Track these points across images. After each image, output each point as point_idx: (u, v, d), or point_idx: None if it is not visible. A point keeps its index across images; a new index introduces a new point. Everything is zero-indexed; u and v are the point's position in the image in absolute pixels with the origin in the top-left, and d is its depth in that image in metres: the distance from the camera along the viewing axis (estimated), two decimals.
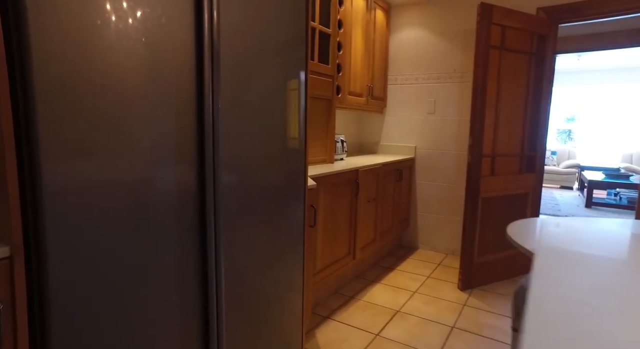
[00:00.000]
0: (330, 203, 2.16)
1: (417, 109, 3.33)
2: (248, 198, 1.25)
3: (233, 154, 1.18)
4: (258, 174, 1.29)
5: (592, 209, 5.49)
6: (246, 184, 1.24)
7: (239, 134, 1.19)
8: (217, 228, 1.12)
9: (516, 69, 2.58)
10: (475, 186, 2.46)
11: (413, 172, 3.38)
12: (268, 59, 1.28)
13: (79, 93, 0.81)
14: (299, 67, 1.43)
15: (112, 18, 0.85)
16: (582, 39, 3.64)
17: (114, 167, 0.88)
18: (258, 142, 1.27)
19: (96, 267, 0.87)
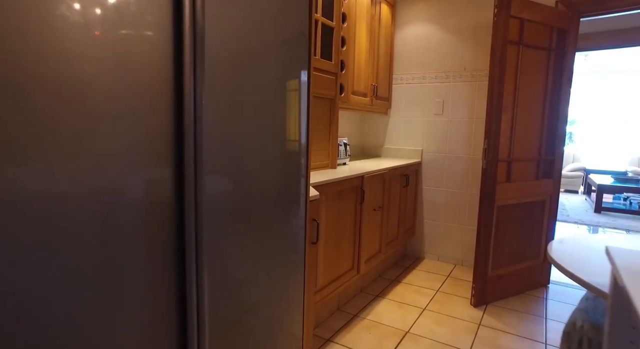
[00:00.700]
0: (333, 213, 1.95)
1: (423, 110, 3.13)
2: (241, 208, 1.05)
3: (220, 159, 0.97)
4: (253, 182, 1.08)
5: (602, 215, 5.29)
6: (239, 192, 1.03)
7: (228, 137, 0.98)
8: (198, 242, 0.91)
9: (534, 67, 2.38)
10: (491, 193, 2.26)
11: (419, 177, 3.18)
12: (266, 57, 1.08)
13: (13, 88, 0.61)
14: (300, 65, 1.23)
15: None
16: (601, 35, 3.45)
17: (62, 174, 0.67)
18: (253, 147, 1.07)
19: (46, 294, 0.66)
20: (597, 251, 1.24)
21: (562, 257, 1.12)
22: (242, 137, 1.03)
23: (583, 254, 1.20)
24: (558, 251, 1.17)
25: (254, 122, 1.07)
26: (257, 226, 1.12)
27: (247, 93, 1.04)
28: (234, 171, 1.02)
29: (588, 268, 1.09)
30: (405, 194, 2.91)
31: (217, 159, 0.96)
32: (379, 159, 3.11)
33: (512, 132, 2.32)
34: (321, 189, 1.80)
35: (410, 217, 3.08)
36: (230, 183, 1.01)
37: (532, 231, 2.54)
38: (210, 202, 0.96)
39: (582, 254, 1.18)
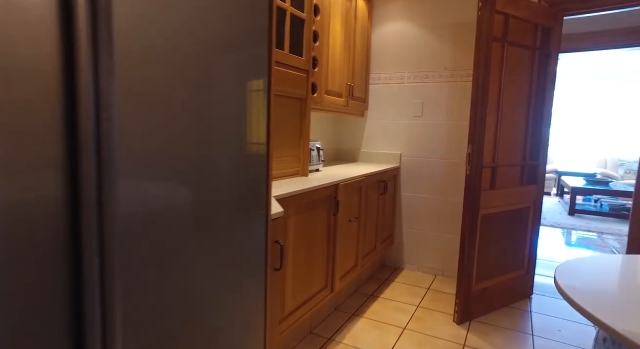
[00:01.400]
0: (303, 228, 1.73)
1: (402, 112, 2.95)
2: (175, 231, 0.81)
3: (144, 170, 0.73)
4: (197, 197, 0.84)
5: (575, 217, 5.31)
6: (172, 210, 0.79)
7: (153, 143, 0.74)
8: (105, 276, 0.67)
9: (519, 67, 2.23)
10: (475, 201, 2.09)
11: (398, 183, 3.00)
12: (211, 49, 0.85)
13: None
14: (257, 60, 1.00)
15: None
16: (579, 37, 3.39)
17: None
18: (191, 154, 0.83)
19: None
20: (621, 282, 1.07)
21: (575, 293, 0.94)
22: (176, 143, 0.79)
23: (604, 287, 1.02)
24: (570, 289, 0.98)
25: (189, 124, 0.83)
26: (196, 252, 0.88)
27: (177, 90, 0.80)
28: (167, 183, 0.78)
29: (616, 308, 0.92)
30: (383, 202, 2.72)
31: (137, 170, 0.72)
32: (355, 164, 2.91)
33: (497, 136, 2.17)
34: (289, 202, 1.57)
35: (388, 226, 2.90)
36: (161, 197, 0.77)
37: (516, 240, 2.40)
38: (127, 221, 0.71)
39: (603, 289, 1.01)
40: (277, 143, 1.89)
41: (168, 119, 0.78)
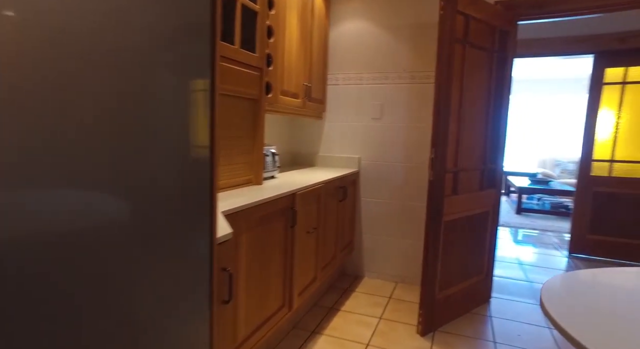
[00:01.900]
0: (257, 245, 1.54)
1: (361, 114, 2.85)
2: (95, 255, 0.60)
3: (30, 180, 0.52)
4: (112, 216, 0.64)
5: (522, 216, 5.54)
6: (82, 234, 0.59)
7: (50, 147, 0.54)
8: None
9: (478, 70, 2.20)
10: (439, 207, 2.02)
11: (357, 188, 2.89)
12: (130, 50, 0.65)
13: None
14: (195, 58, 0.82)
15: None
16: (529, 43, 3.48)
17: None
18: (111, 163, 0.63)
19: None
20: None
21: (563, 319, 0.84)
22: (91, 151, 0.59)
23: (576, 304, 0.94)
24: (558, 313, 0.89)
25: (108, 131, 0.63)
26: (123, 288, 0.68)
27: (93, 92, 0.60)
28: (81, 198, 0.58)
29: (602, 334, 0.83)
30: (342, 209, 2.60)
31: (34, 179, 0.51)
32: (313, 170, 2.76)
33: (458, 140, 2.12)
34: (240, 217, 1.38)
35: (348, 233, 2.78)
36: (70, 216, 0.56)
37: (476, 245, 2.37)
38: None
39: (574, 307, 0.92)
40: (227, 149, 1.69)
41: (79, 124, 0.57)
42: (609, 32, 3.30)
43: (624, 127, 3.57)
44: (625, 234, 3.58)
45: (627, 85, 3.52)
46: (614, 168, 3.62)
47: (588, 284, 1.03)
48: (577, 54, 3.48)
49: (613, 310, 0.92)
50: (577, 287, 1.00)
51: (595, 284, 1.04)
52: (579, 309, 0.91)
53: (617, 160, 3.60)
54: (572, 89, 7.96)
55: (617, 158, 3.60)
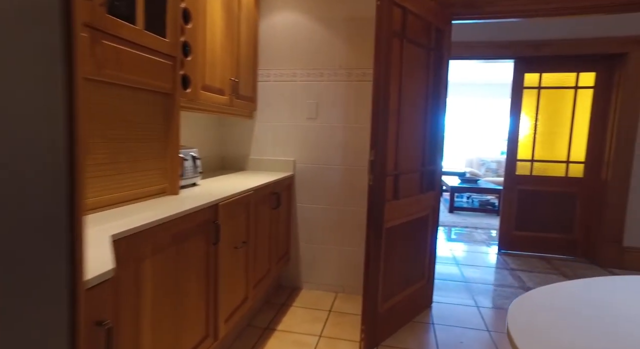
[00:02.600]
0: (167, 272, 1.26)
1: (295, 113, 2.64)
2: None
3: None
4: None
5: (454, 214, 5.74)
6: None
7: None
8: None
9: (417, 68, 2.10)
10: (379, 214, 1.88)
11: (292, 193, 2.68)
12: None
13: None
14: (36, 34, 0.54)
15: None
16: (457, 46, 3.54)
17: None
18: None
19: None
20: None
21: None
22: None
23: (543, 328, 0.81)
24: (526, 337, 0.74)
25: None
26: None
27: None
28: None
29: None
30: (276, 217, 2.36)
31: None
32: (243, 174, 2.49)
33: (398, 141, 2.00)
34: (141, 239, 1.10)
35: (283, 242, 2.55)
36: None
37: (418, 250, 2.28)
38: None
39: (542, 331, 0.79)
40: (128, 153, 1.38)
41: None
42: (526, 40, 3.46)
43: (540, 128, 3.78)
44: (544, 229, 3.80)
45: (542, 90, 3.73)
46: (534, 167, 3.82)
47: (549, 304, 0.92)
48: (499, 58, 3.60)
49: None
50: (539, 309, 0.88)
51: (558, 303, 0.93)
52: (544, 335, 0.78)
53: (536, 160, 3.81)
54: (495, 93, 8.52)
55: (536, 158, 3.81)
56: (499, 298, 2.66)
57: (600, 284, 0.99)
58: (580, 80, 3.64)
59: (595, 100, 3.61)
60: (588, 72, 3.61)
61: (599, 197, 3.59)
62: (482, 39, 3.51)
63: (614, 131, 3.46)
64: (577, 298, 0.90)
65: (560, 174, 3.76)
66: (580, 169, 3.70)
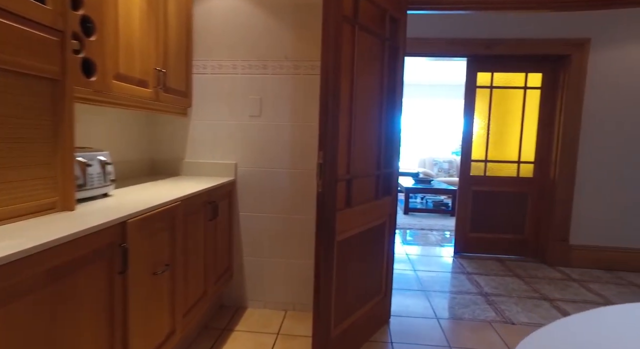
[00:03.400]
0: (35, 323, 0.92)
1: (236, 111, 2.34)
2: None
3: None
4: None
5: (409, 216, 5.67)
6: None
7: None
8: None
9: (370, 58, 1.89)
10: (330, 225, 1.63)
11: (234, 201, 2.37)
12: None
13: None
14: None
15: None
16: (410, 42, 3.41)
17: None
18: None
19: None
20: None
21: None
22: None
23: None
24: None
25: None
26: None
27: None
28: None
29: None
30: (214, 229, 2.05)
31: None
32: (176, 180, 2.15)
33: (350, 142, 1.76)
34: None
35: (224, 258, 2.24)
36: None
37: (374, 262, 2.07)
38: None
39: None
40: None
41: None
42: (479, 38, 3.40)
43: (493, 128, 3.75)
44: (498, 230, 3.77)
45: (494, 90, 3.70)
46: (488, 167, 3.79)
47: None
48: (453, 56, 3.52)
49: None
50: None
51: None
52: None
53: (490, 160, 3.78)
54: (446, 94, 8.66)
55: (489, 158, 3.77)
56: (458, 307, 2.52)
57: (602, 318, 0.80)
58: (528, 81, 3.65)
59: (543, 100, 3.64)
60: (536, 73, 3.63)
61: (548, 197, 3.61)
62: (436, 36, 3.40)
63: (560, 131, 3.49)
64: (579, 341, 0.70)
65: (512, 174, 3.75)
66: (531, 169, 3.72)
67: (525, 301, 2.66)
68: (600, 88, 3.39)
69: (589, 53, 3.36)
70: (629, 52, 3.34)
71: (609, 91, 3.39)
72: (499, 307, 2.54)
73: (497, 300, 2.65)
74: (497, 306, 2.55)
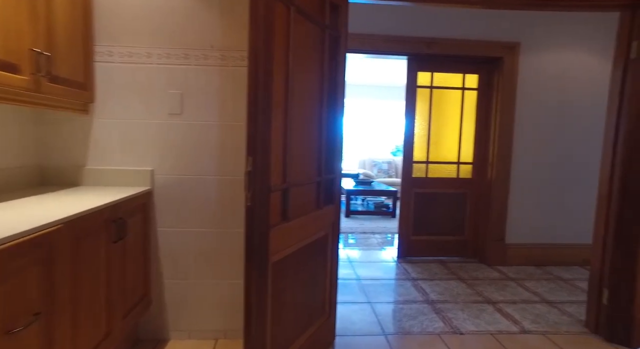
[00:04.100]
0: None
1: (153, 107, 1.97)
2: None
3: None
4: None
5: (351, 219, 5.54)
6: None
7: None
8: None
9: (309, 48, 1.64)
10: (262, 245, 1.35)
11: (150, 215, 1.99)
12: None
13: None
14: None
15: None
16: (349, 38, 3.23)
17: None
18: None
19: None
20: None
21: None
22: None
23: None
24: None
25: None
26: None
27: None
28: None
29: None
30: (121, 252, 1.67)
31: None
32: (73, 192, 1.73)
33: (287, 144, 1.50)
34: None
35: (137, 284, 1.86)
36: None
37: (316, 280, 1.83)
38: None
39: None
40: None
41: None
42: (419, 36, 3.33)
43: (433, 129, 3.72)
44: (440, 232, 3.75)
45: (434, 90, 3.67)
46: (430, 169, 3.75)
47: None
48: (393, 53, 3.41)
49: None
50: None
51: None
52: None
53: (431, 161, 3.74)
54: (386, 94, 8.75)
55: (431, 159, 3.73)
56: (406, 319, 2.37)
57: None
58: (466, 82, 3.67)
59: (479, 102, 3.67)
60: (473, 74, 3.65)
61: (486, 198, 3.65)
62: (376, 32, 3.26)
63: (496, 132, 3.54)
64: None
65: (452, 175, 3.75)
66: (470, 170, 3.74)
67: (470, 306, 2.60)
68: (530, 90, 3.49)
69: (519, 56, 3.44)
70: (556, 57, 3.47)
71: (537, 93, 3.50)
72: (446, 315, 2.43)
73: (443, 308, 2.56)
74: (445, 315, 2.44)
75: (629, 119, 2.18)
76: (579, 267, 3.59)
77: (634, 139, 2.14)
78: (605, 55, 3.47)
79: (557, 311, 2.57)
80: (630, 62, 2.21)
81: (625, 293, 2.19)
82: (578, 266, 3.62)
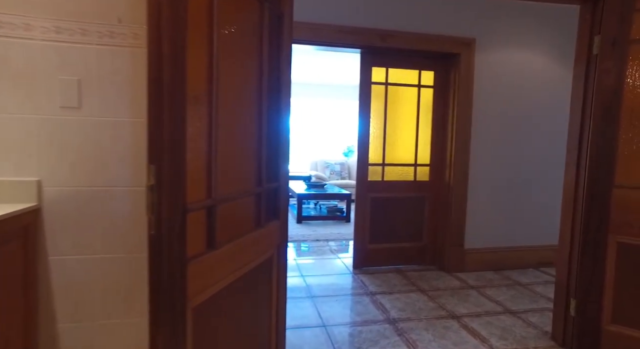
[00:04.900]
0: None
1: (38, 98, 1.49)
2: None
3: None
4: None
5: (303, 225, 5.20)
6: None
7: None
8: None
9: (242, 26, 1.27)
10: (176, 287, 0.97)
11: (37, 240, 1.51)
12: None
13: None
14: None
15: None
16: (297, 27, 2.90)
17: None
18: None
19: None
20: None
21: None
22: None
23: None
24: None
25: None
26: None
27: None
28: None
29: None
30: None
31: None
32: None
33: (212, 149, 1.12)
34: None
35: (13, 336, 1.38)
36: None
37: (257, 318, 1.46)
38: None
39: None
40: None
41: None
42: (373, 28, 3.07)
43: (389, 130, 3.49)
44: (398, 239, 3.52)
45: (390, 87, 3.44)
46: (386, 172, 3.51)
47: None
48: (344, 46, 3.13)
49: None
50: None
51: None
52: None
53: (387, 164, 3.50)
54: (338, 94, 8.52)
55: (387, 161, 3.50)
56: (367, 345, 2.07)
57: None
58: (422, 79, 3.47)
59: (436, 100, 3.50)
60: (429, 71, 3.47)
61: (444, 201, 3.48)
62: (328, 21, 2.95)
63: (453, 133, 3.38)
64: None
65: (409, 178, 3.53)
66: (427, 172, 3.55)
67: (434, 324, 2.36)
68: (487, 89, 3.37)
69: (475, 53, 3.30)
70: (511, 54, 3.38)
71: (494, 92, 3.39)
72: (410, 337, 2.17)
73: (406, 327, 2.29)
74: (409, 336, 2.18)
75: (594, 120, 2.04)
76: (533, 269, 3.54)
77: (601, 138, 2.00)
78: (562, 53, 3.43)
79: (522, 323, 2.41)
80: (592, 58, 2.08)
81: (593, 304, 2.05)
82: (533, 268, 3.56)
